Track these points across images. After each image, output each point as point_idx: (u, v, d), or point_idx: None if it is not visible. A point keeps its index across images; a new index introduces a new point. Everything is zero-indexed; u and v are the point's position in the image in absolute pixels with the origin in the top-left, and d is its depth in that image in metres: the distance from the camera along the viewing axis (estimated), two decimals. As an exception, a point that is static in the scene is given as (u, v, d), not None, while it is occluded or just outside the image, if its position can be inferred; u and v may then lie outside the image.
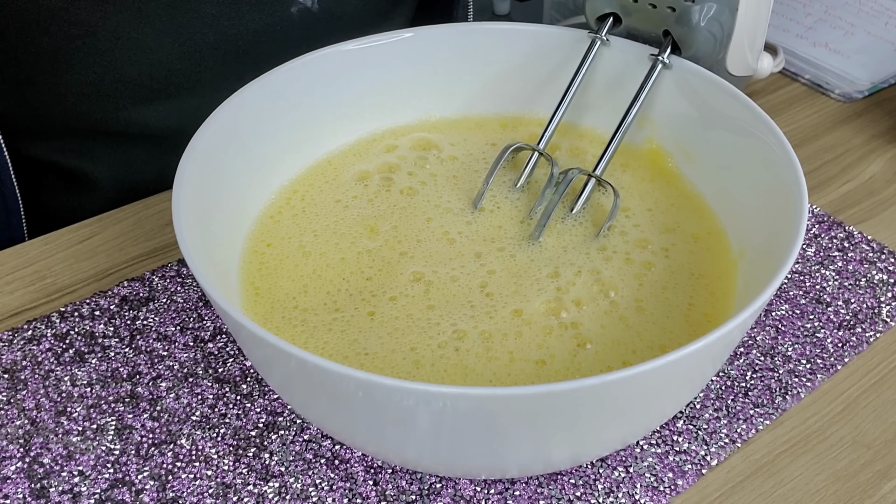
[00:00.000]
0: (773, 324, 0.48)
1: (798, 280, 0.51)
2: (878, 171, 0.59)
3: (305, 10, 0.57)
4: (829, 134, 0.63)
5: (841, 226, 0.54)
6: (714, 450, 0.42)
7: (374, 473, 0.41)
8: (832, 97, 0.67)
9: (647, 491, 0.40)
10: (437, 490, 0.40)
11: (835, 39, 0.72)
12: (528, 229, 0.46)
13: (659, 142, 0.51)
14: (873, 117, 0.64)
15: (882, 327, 0.48)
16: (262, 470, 0.41)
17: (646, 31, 0.50)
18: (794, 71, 0.69)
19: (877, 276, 0.51)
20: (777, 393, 0.45)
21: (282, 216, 0.47)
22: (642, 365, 0.31)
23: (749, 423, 0.43)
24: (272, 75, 0.47)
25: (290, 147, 0.49)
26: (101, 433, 0.42)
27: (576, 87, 0.49)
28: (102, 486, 0.40)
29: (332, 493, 0.40)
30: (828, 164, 0.60)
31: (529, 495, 0.40)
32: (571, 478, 0.41)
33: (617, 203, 0.46)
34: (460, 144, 0.52)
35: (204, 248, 0.39)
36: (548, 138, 0.50)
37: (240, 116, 0.46)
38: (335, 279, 0.44)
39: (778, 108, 0.65)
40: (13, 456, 0.41)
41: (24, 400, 0.44)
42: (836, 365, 0.46)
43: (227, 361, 0.46)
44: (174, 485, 0.40)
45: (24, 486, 0.40)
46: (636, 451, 0.42)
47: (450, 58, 0.52)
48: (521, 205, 0.48)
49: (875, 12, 0.75)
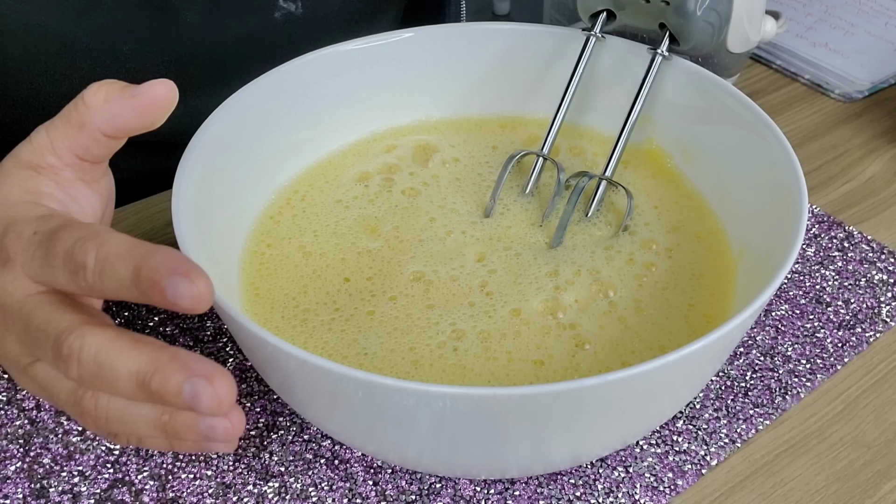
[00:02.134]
0: (772, 324, 0.48)
1: (798, 280, 0.51)
2: (878, 171, 0.59)
3: (289, 14, 0.56)
4: (829, 134, 0.63)
5: (841, 226, 0.54)
6: (714, 450, 0.42)
7: (374, 473, 0.41)
8: (832, 97, 0.67)
9: (646, 491, 0.40)
10: (437, 490, 0.40)
11: (835, 39, 0.72)
12: (538, 232, 0.46)
13: (659, 142, 0.51)
14: (873, 117, 0.64)
15: (882, 327, 0.48)
16: (262, 470, 0.41)
17: (641, 26, 0.49)
18: (793, 71, 0.69)
19: (877, 276, 0.51)
20: (777, 393, 0.45)
21: (282, 216, 0.47)
22: (642, 365, 0.31)
23: (749, 423, 0.43)
24: (272, 75, 0.47)
25: (290, 147, 0.49)
26: (101, 433, 0.43)
27: (574, 87, 0.49)
28: (102, 486, 0.40)
29: (332, 493, 0.40)
30: (828, 164, 0.60)
31: (529, 495, 0.40)
32: (571, 478, 0.41)
33: (631, 205, 0.46)
34: (461, 146, 0.52)
35: (204, 248, 0.39)
36: (551, 142, 0.49)
37: (240, 116, 0.46)
38: (335, 279, 0.44)
39: (778, 107, 0.65)
40: (13, 456, 0.41)
41: (23, 400, 0.44)
42: (836, 365, 0.46)
43: (227, 361, 0.46)
44: (174, 485, 0.40)
45: (24, 485, 0.40)
46: (636, 451, 0.42)
47: (449, 58, 0.52)
48: (532, 208, 0.48)
49: (875, 12, 0.75)
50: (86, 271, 0.30)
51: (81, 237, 0.31)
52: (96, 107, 0.35)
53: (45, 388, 0.34)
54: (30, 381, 0.35)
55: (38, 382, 0.34)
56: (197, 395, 0.29)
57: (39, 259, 0.32)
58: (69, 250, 0.31)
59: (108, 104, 0.35)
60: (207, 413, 0.30)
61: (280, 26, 0.56)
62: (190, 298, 0.29)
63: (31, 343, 0.32)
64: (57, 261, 0.31)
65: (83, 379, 0.31)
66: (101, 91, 0.36)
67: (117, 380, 0.30)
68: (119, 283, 0.30)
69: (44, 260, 0.32)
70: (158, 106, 0.36)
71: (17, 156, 0.36)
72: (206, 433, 0.32)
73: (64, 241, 0.31)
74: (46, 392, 0.34)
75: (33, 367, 0.34)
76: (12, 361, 0.35)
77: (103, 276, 0.30)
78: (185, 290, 0.28)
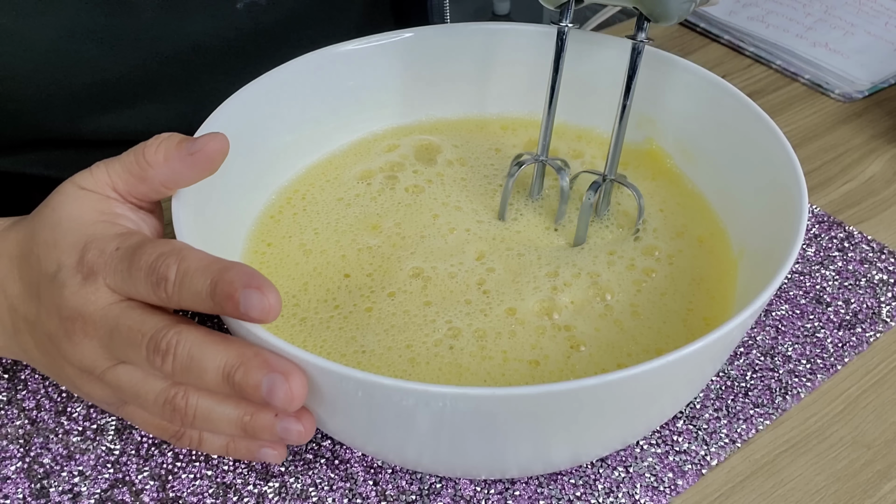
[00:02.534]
0: (773, 324, 0.48)
1: (798, 280, 0.51)
2: (877, 171, 0.59)
3: (253, 3, 0.55)
4: (829, 134, 0.63)
5: (841, 226, 0.54)
6: (714, 450, 0.42)
7: (374, 473, 0.41)
8: (832, 97, 0.67)
9: (647, 491, 0.40)
10: (437, 490, 0.40)
11: (835, 39, 0.72)
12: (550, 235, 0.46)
13: (659, 142, 0.51)
14: (873, 117, 0.64)
15: (882, 327, 0.48)
16: (262, 470, 0.41)
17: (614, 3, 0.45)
18: (793, 71, 0.69)
19: (877, 276, 0.51)
20: (777, 393, 0.45)
21: (282, 216, 0.47)
22: (642, 365, 0.31)
23: (749, 423, 0.43)
24: (272, 76, 0.47)
25: (290, 147, 0.49)
26: (102, 433, 0.42)
27: (557, 84, 0.46)
28: (102, 486, 0.40)
29: (332, 494, 0.40)
30: (828, 164, 0.60)
31: (529, 495, 0.40)
32: (571, 478, 0.41)
33: (642, 205, 0.46)
34: (464, 146, 0.52)
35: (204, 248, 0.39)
36: (546, 145, 0.47)
37: (239, 116, 0.46)
38: (335, 276, 0.44)
39: (778, 108, 0.65)
40: (13, 456, 0.41)
41: (24, 400, 0.44)
42: (836, 365, 0.46)
43: (227, 361, 0.46)
44: (174, 485, 0.40)
45: (24, 485, 0.40)
46: (636, 451, 0.42)
47: (450, 58, 0.52)
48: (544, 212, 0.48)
49: (875, 12, 0.75)
50: (167, 283, 0.33)
51: (163, 252, 0.34)
52: (158, 165, 0.38)
53: (129, 389, 0.36)
54: (102, 387, 0.37)
55: (120, 385, 0.36)
56: (273, 390, 0.32)
57: (122, 272, 0.34)
58: (152, 264, 0.34)
59: (168, 163, 0.38)
60: (280, 407, 0.33)
61: (244, 18, 0.55)
62: (260, 310, 0.32)
63: (118, 346, 0.35)
64: (140, 273, 0.34)
65: (175, 373, 0.34)
66: (161, 149, 0.38)
67: (205, 371, 0.33)
68: (196, 294, 0.33)
69: (126, 273, 0.34)
70: (214, 160, 0.38)
71: (78, 183, 0.38)
72: (282, 434, 0.35)
73: (147, 256, 0.34)
74: (132, 393, 0.36)
75: (113, 371, 0.36)
76: (87, 368, 0.36)
77: (182, 289, 0.33)
78: (255, 302, 0.32)
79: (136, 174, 0.38)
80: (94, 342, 0.35)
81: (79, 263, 0.35)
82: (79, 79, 0.51)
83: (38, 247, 0.37)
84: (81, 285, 0.35)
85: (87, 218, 0.37)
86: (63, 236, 0.36)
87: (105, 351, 0.35)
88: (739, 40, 0.73)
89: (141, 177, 0.38)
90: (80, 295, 0.35)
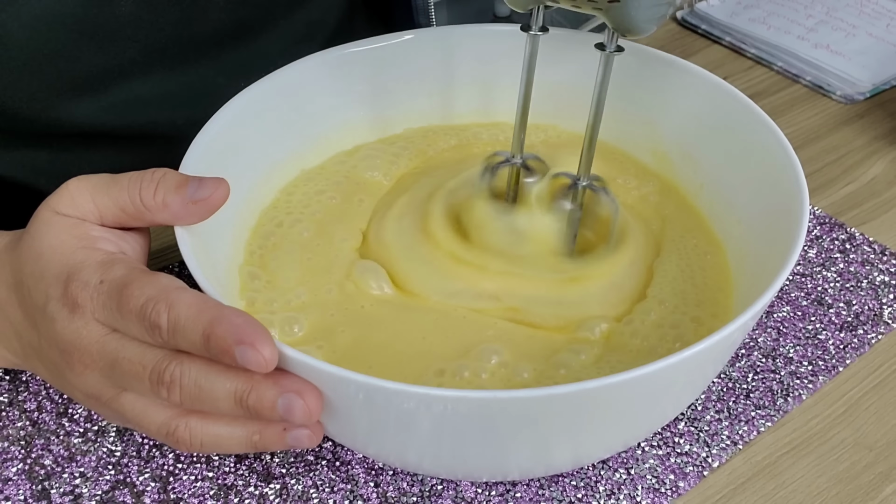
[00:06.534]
0: (774, 325, 0.48)
1: (799, 281, 0.51)
2: (879, 172, 0.59)
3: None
4: (831, 136, 0.63)
5: (842, 227, 0.54)
6: (715, 451, 0.42)
7: (376, 475, 0.41)
8: (834, 99, 0.67)
9: (648, 493, 0.40)
10: (439, 492, 0.40)
11: (836, 41, 0.72)
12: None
13: (659, 144, 0.51)
14: (875, 119, 0.64)
15: (884, 329, 0.48)
16: (263, 471, 0.41)
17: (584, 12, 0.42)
18: (795, 73, 0.69)
19: (878, 277, 0.51)
20: (778, 395, 0.45)
21: (283, 216, 0.47)
22: (642, 368, 0.31)
23: (750, 425, 0.43)
24: (273, 77, 0.47)
25: (291, 147, 0.49)
26: (103, 435, 0.43)
27: (523, 88, 0.44)
28: (104, 488, 0.40)
29: (334, 495, 0.40)
30: (829, 165, 0.60)
31: (531, 497, 0.40)
32: (573, 479, 0.41)
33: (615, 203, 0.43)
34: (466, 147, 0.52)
35: (204, 249, 0.39)
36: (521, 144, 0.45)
37: (240, 117, 0.46)
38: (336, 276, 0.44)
39: (779, 109, 0.65)
40: (14, 457, 0.41)
41: (25, 401, 0.44)
42: (838, 367, 0.46)
43: (228, 363, 0.46)
44: (175, 486, 0.40)
45: (26, 487, 0.40)
46: (637, 453, 0.42)
47: (450, 59, 0.52)
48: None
49: (876, 14, 0.75)
50: (160, 331, 0.33)
51: (151, 297, 0.33)
52: (156, 210, 0.37)
53: (133, 419, 0.36)
54: (113, 413, 0.37)
55: (124, 414, 0.36)
56: (290, 409, 0.32)
57: (112, 311, 0.34)
58: (141, 310, 0.33)
59: (167, 208, 0.37)
60: (299, 424, 0.34)
61: (223, 10, 0.54)
62: (256, 364, 0.32)
63: (120, 377, 0.35)
64: (131, 317, 0.33)
65: (184, 402, 0.33)
66: (160, 193, 0.37)
67: (217, 399, 0.33)
68: (191, 344, 0.33)
69: (117, 313, 0.34)
70: (217, 208, 0.38)
71: (53, 207, 0.37)
72: (292, 444, 0.35)
73: (135, 300, 0.33)
74: (135, 423, 0.36)
75: (118, 400, 0.36)
76: (94, 396, 0.36)
77: (176, 337, 0.33)
78: (251, 357, 0.32)
79: (131, 214, 0.37)
80: (95, 373, 0.35)
81: (63, 296, 0.35)
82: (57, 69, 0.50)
83: (26, 278, 0.37)
84: (70, 319, 0.35)
85: (67, 246, 0.36)
86: (46, 268, 0.36)
87: (108, 381, 0.35)
88: (741, 42, 0.73)
89: (136, 217, 0.38)
90: (70, 329, 0.35)
